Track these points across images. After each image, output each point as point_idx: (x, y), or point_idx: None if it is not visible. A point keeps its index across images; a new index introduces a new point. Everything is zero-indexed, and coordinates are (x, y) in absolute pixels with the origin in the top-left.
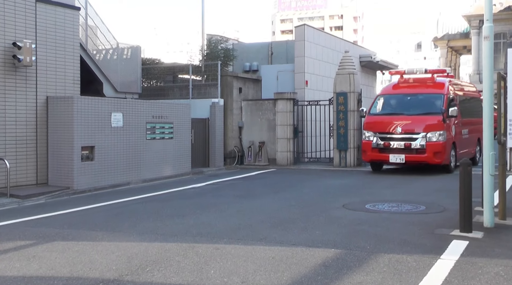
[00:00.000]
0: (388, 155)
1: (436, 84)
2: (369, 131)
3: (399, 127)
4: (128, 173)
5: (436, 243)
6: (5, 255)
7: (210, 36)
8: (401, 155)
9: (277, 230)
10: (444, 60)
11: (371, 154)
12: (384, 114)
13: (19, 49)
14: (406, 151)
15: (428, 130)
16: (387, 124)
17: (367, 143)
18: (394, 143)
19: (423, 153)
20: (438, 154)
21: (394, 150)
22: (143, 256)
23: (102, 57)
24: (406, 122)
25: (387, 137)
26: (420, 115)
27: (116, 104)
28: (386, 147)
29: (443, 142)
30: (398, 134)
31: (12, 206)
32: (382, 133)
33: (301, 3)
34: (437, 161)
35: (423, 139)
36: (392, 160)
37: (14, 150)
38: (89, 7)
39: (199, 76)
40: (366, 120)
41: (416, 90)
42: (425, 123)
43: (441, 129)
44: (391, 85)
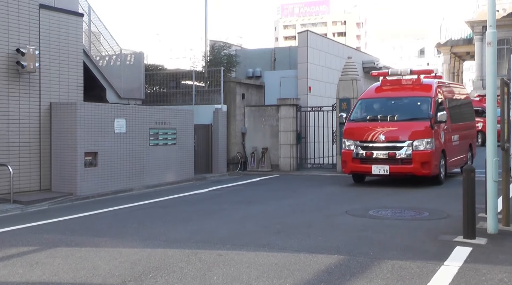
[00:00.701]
0: (371, 166)
1: (423, 86)
2: (349, 139)
3: (382, 134)
4: (131, 179)
5: (439, 249)
6: (8, 261)
7: (213, 42)
8: (384, 166)
9: (280, 236)
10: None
11: (351, 165)
12: (366, 120)
13: (22, 55)
14: (391, 161)
15: (415, 137)
16: (369, 131)
17: (347, 153)
18: (377, 152)
19: (409, 164)
20: (426, 164)
21: (377, 160)
22: (146, 262)
23: (105, 63)
24: (390, 129)
25: (369, 146)
26: (405, 121)
27: (119, 110)
28: (368, 157)
29: (431, 150)
30: (381, 143)
31: (15, 212)
32: (363, 141)
33: (304, 9)
34: (425, 172)
35: (409, 147)
36: (375, 171)
37: (17, 156)
38: (93, 13)
39: (202, 82)
40: (346, 127)
41: (400, 93)
42: (411, 129)
43: (429, 136)
44: (374, 87)
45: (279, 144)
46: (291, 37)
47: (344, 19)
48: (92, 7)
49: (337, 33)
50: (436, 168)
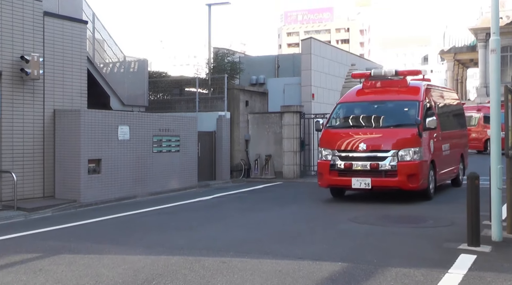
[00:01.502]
0: (350, 178)
1: (410, 88)
2: (327, 148)
3: (363, 143)
4: (135, 186)
5: (443, 257)
6: (12, 268)
7: (216, 49)
8: (366, 179)
9: (283, 243)
10: (451, 73)
11: (328, 178)
12: (345, 127)
13: (26, 63)
14: (373, 173)
15: (400, 146)
16: (349, 139)
17: (324, 164)
18: (357, 163)
19: (394, 176)
20: (413, 177)
21: (357, 172)
22: (150, 270)
23: (109, 70)
24: (373, 137)
25: (349, 156)
26: (389, 128)
27: (123, 117)
28: (347, 169)
29: (419, 161)
30: (362, 152)
31: (19, 219)
32: (342, 151)
33: (307, 16)
34: (412, 186)
35: (393, 158)
36: (355, 185)
37: (21, 163)
38: (97, 21)
39: (206, 89)
40: (323, 135)
41: (384, 97)
42: (396, 137)
43: (417, 145)
44: (355, 90)
45: (283, 151)
46: (295, 44)
47: (348, 26)
48: (96, 15)
49: (340, 40)
50: (425, 181)
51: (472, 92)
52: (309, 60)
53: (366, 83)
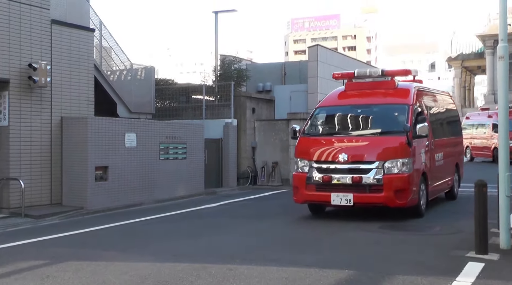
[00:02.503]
0: (329, 194)
1: (398, 91)
2: (303, 159)
3: (344, 153)
4: (142, 193)
5: (451, 265)
6: (20, 274)
7: (223, 56)
8: (347, 195)
9: (290, 250)
10: (459, 80)
11: (304, 193)
12: (324, 135)
13: (34, 71)
14: (355, 188)
15: (387, 157)
16: (328, 149)
17: (300, 177)
18: (338, 176)
19: (379, 192)
20: (402, 193)
21: (337, 187)
22: (156, 277)
23: (116, 78)
24: (355, 146)
25: (328, 168)
26: (374, 136)
27: (129, 125)
28: (326, 183)
29: (408, 174)
30: (343, 164)
31: (26, 226)
32: (320, 162)
33: (314, 23)
34: (400, 202)
35: (379, 170)
36: (335, 201)
37: (28, 170)
38: (104, 28)
39: (213, 96)
40: (299, 143)
41: (369, 100)
42: (382, 146)
43: (405, 155)
44: (336, 93)
45: (290, 158)
46: (301, 51)
47: (355, 33)
48: (103, 22)
49: (347, 47)
50: (415, 196)
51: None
52: (316, 67)
53: (349, 84)
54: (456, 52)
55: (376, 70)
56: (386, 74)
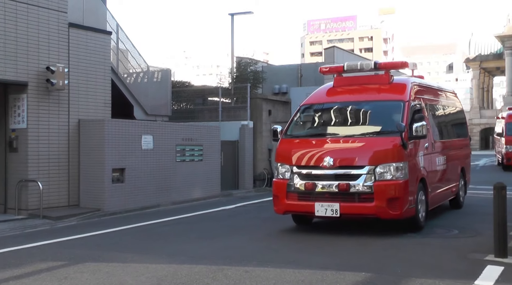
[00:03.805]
0: (313, 203)
1: (393, 86)
2: (284, 164)
3: (329, 156)
4: (158, 195)
5: (469, 268)
6: (38, 275)
7: (239, 58)
8: (333, 204)
9: (306, 253)
10: (477, 82)
11: (285, 202)
12: (308, 136)
13: (52, 73)
14: (342, 197)
15: (378, 161)
16: (312, 152)
17: (280, 184)
18: (322, 183)
19: (369, 201)
20: (395, 202)
21: (322, 195)
22: (173, 278)
23: (133, 80)
24: (343, 148)
25: (311, 174)
26: (365, 137)
27: (146, 127)
28: (309, 191)
29: (403, 180)
30: (328, 169)
31: (44, 227)
32: (302, 167)
33: (330, 25)
34: (393, 213)
35: (369, 176)
36: (319, 212)
37: (47, 172)
38: (120, 31)
39: (229, 98)
40: (280, 146)
41: (360, 96)
42: (373, 149)
43: (400, 158)
44: (325, 89)
45: None
46: (318, 53)
47: (371, 34)
48: (120, 25)
49: (363, 49)
50: (412, 206)
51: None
52: None
53: (338, 79)
54: (474, 53)
55: (368, 63)
56: (379, 68)
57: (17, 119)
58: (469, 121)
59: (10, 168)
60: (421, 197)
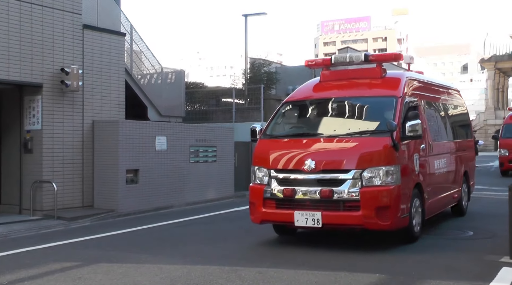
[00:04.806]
0: (293, 212)
1: (386, 80)
2: (261, 167)
3: (311, 159)
4: (172, 196)
5: (484, 269)
6: (52, 276)
7: (253, 59)
8: (315, 213)
9: (319, 254)
10: (492, 82)
11: (262, 211)
12: (289, 136)
13: (66, 75)
14: (325, 205)
15: (366, 164)
16: (291, 153)
17: (257, 190)
18: (303, 189)
19: (355, 210)
20: (385, 211)
21: (302, 203)
22: (186, 279)
23: (147, 81)
24: (326, 150)
25: (290, 179)
26: (351, 137)
27: (160, 128)
28: (288, 198)
29: (394, 186)
30: (309, 173)
31: (59, 228)
32: (281, 171)
33: (344, 26)
34: (383, 224)
35: (355, 181)
36: (299, 222)
37: (61, 173)
38: (134, 32)
39: (242, 99)
40: (257, 147)
41: (348, 92)
42: (360, 151)
43: (390, 161)
44: (311, 85)
45: None
46: (331, 54)
47: (385, 35)
48: (134, 27)
49: (377, 50)
50: (404, 215)
51: None
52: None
53: (325, 73)
54: (489, 54)
55: (358, 55)
56: (370, 60)
57: (32, 120)
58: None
59: (25, 169)
60: (416, 205)
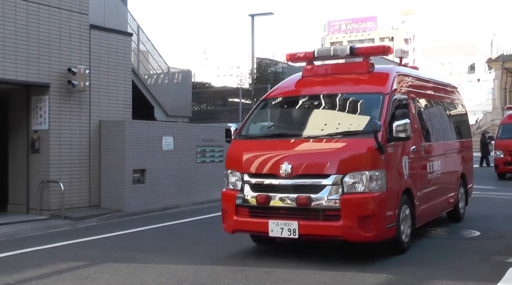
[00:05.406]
0: (267, 220)
1: (373, 76)
2: (234, 170)
3: (287, 162)
4: (178, 196)
5: (491, 270)
6: (59, 275)
7: (260, 59)
8: (291, 223)
9: (326, 254)
10: (499, 82)
11: (234, 219)
12: (266, 137)
13: (73, 75)
14: (302, 213)
15: (347, 168)
16: (267, 156)
17: (229, 196)
18: (278, 196)
19: (335, 219)
20: (368, 221)
21: (277, 211)
22: (193, 279)
23: (154, 81)
24: (304, 153)
25: (265, 184)
26: (332, 138)
27: (167, 128)
28: (261, 205)
29: (379, 193)
30: (285, 178)
31: (66, 228)
32: (255, 175)
33: (351, 26)
34: (366, 235)
35: (335, 188)
36: (274, 232)
37: (68, 173)
38: (141, 33)
39: (249, 99)
40: (231, 148)
41: (332, 89)
42: (342, 153)
43: (375, 166)
44: (292, 80)
45: None
46: None
47: (392, 35)
48: (140, 27)
49: None
50: (391, 225)
51: None
52: None
53: (307, 68)
54: (497, 53)
55: (344, 48)
56: (357, 53)
57: (39, 120)
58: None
59: (32, 169)
60: (405, 213)
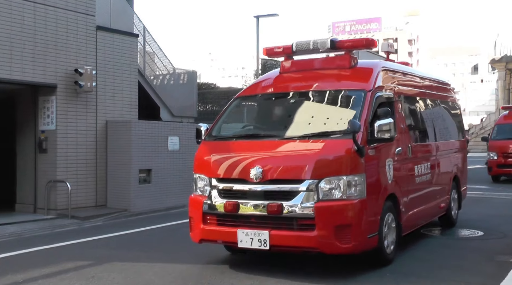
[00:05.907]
0: (235, 229)
1: (356, 71)
2: (202, 174)
3: (258, 166)
4: (184, 196)
5: (495, 270)
6: (66, 274)
7: (264, 60)
8: (261, 232)
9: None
10: (503, 83)
11: (201, 227)
12: (236, 138)
13: (80, 75)
14: (273, 222)
15: (323, 173)
16: (237, 159)
17: (196, 203)
18: (247, 203)
19: (309, 229)
20: (346, 230)
21: (246, 219)
22: (198, 278)
23: (159, 82)
24: (277, 155)
25: (234, 190)
26: (307, 139)
27: (172, 128)
28: (229, 213)
29: (358, 200)
30: (255, 183)
31: (72, 227)
32: (223, 180)
33: (355, 27)
34: (343, 246)
35: (310, 194)
36: (243, 242)
37: (75, 172)
38: (147, 34)
39: None
40: (199, 151)
41: (310, 85)
42: (317, 156)
43: (354, 170)
44: (270, 77)
45: None
46: None
47: (396, 36)
48: (146, 28)
49: None
50: (372, 235)
51: None
52: None
53: (285, 64)
54: (500, 54)
55: (324, 42)
56: (338, 47)
57: (46, 121)
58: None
59: (40, 168)
60: (389, 221)
